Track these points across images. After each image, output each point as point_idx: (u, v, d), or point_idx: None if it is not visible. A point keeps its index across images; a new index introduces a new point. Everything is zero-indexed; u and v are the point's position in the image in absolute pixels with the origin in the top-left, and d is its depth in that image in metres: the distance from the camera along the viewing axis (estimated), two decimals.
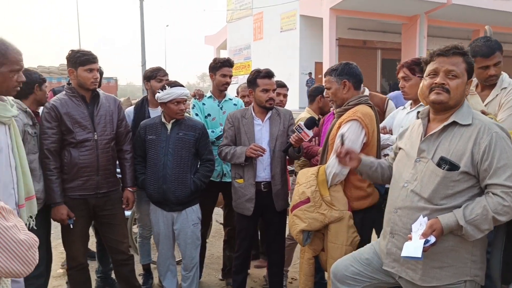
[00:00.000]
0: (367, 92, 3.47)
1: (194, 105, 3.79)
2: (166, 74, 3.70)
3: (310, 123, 3.06)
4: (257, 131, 3.24)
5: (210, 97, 3.84)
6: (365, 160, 2.42)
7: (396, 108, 3.56)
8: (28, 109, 2.90)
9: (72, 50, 3.03)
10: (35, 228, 2.45)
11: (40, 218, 2.79)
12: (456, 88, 1.99)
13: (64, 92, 3.05)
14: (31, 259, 1.32)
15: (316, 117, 3.48)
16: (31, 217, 2.44)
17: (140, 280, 3.76)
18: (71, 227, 3.00)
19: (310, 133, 3.00)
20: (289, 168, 4.43)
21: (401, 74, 3.15)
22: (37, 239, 1.38)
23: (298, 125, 3.01)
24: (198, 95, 3.85)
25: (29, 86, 2.97)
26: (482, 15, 19.38)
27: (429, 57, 2.09)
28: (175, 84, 3.20)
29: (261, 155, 3.11)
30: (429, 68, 2.08)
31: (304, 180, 2.80)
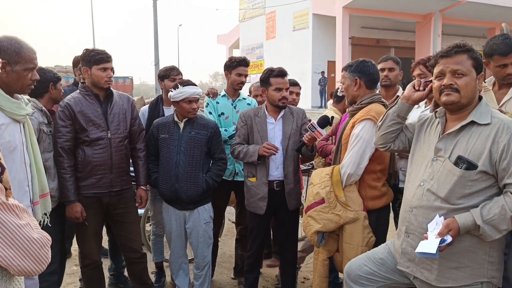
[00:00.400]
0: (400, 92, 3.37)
1: (208, 104, 3.80)
2: (180, 73, 3.71)
3: (323, 122, 3.04)
4: (270, 130, 3.22)
5: (224, 95, 3.84)
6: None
7: None
8: (43, 108, 2.93)
9: (86, 49, 3.05)
10: (50, 225, 2.47)
11: (55, 216, 2.81)
12: (465, 86, 1.97)
13: (78, 91, 3.08)
14: (44, 257, 1.32)
15: (339, 116, 3.46)
16: (45, 214, 2.46)
17: (152, 278, 3.78)
18: (86, 223, 3.02)
19: (323, 132, 2.98)
20: (302, 167, 4.42)
21: (416, 72, 3.11)
22: (49, 237, 1.38)
23: (311, 124, 2.99)
24: (212, 94, 3.85)
25: (44, 85, 3.00)
26: (498, 13, 19.07)
27: (434, 60, 2.08)
28: (187, 83, 3.20)
29: (274, 154, 3.10)
30: (436, 70, 2.07)
31: (318, 181, 2.77)
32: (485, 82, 2.95)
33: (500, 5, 18.75)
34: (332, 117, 3.28)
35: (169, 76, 3.69)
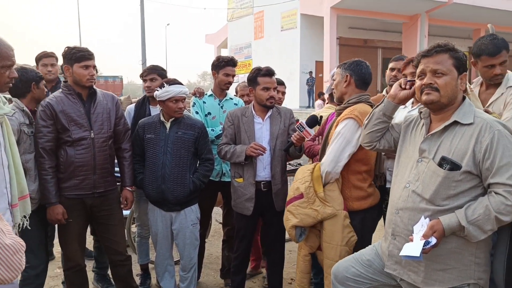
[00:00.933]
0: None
1: (194, 103, 3.75)
2: (152, 73, 3.61)
3: (312, 122, 3.02)
4: (257, 130, 3.19)
5: (211, 95, 3.80)
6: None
7: None
8: (25, 108, 2.86)
9: (67, 47, 2.98)
10: (29, 228, 2.40)
11: (37, 218, 2.75)
12: (445, 85, 1.97)
13: (60, 90, 3.00)
14: (17, 264, 1.27)
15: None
16: (24, 217, 2.39)
17: (137, 280, 3.72)
18: (70, 220, 2.96)
19: (312, 131, 2.97)
20: (290, 167, 4.39)
21: (409, 70, 3.10)
22: (23, 243, 1.33)
23: (300, 123, 2.97)
24: (199, 93, 3.81)
25: (26, 84, 2.93)
26: (483, 14, 19.30)
27: (417, 60, 2.09)
28: (173, 82, 3.15)
29: (262, 154, 3.07)
30: (418, 70, 2.07)
31: (300, 176, 2.78)
32: (471, 83, 2.96)
33: (486, 6, 18.98)
34: (321, 117, 3.26)
35: (141, 76, 3.69)
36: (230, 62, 3.71)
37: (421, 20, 19.93)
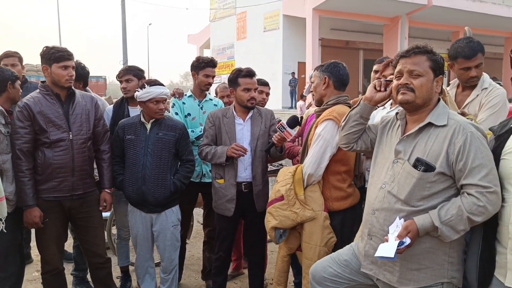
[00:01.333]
0: None
1: (174, 104, 3.73)
2: (127, 74, 3.58)
3: (293, 122, 3.04)
4: (238, 131, 3.19)
5: (190, 96, 3.78)
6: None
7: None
8: (1, 108, 2.80)
9: (46, 47, 2.94)
10: (5, 231, 2.35)
11: (12, 220, 2.70)
12: (420, 87, 2.00)
13: (38, 90, 2.96)
14: None
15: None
16: (0, 219, 2.34)
17: (117, 283, 3.68)
18: (47, 220, 2.92)
19: (293, 132, 2.98)
20: (271, 168, 4.40)
21: (389, 71, 3.13)
22: None
23: (281, 124, 2.98)
24: (178, 94, 3.79)
25: (2, 84, 2.88)
26: (462, 17, 19.69)
27: (395, 61, 2.12)
28: (154, 83, 3.13)
29: (243, 155, 3.07)
30: (395, 70, 2.11)
31: (281, 179, 2.80)
32: (448, 85, 3.01)
33: (464, 9, 19.39)
34: (301, 117, 3.27)
35: (117, 77, 3.65)
36: (210, 63, 3.69)
37: (402, 22, 20.22)
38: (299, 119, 3.15)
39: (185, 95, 3.81)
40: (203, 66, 3.67)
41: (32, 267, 4.36)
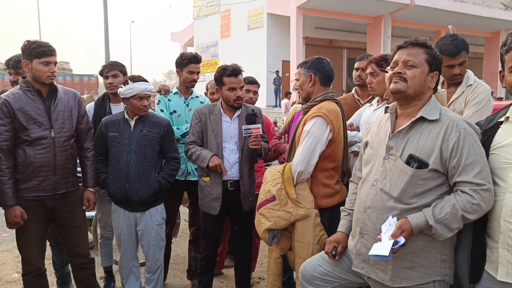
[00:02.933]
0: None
1: (159, 101, 3.67)
2: (114, 69, 3.52)
3: (250, 119, 3.04)
4: (225, 129, 3.15)
5: (176, 93, 3.73)
6: (345, 232, 2.36)
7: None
8: None
9: (27, 41, 2.84)
10: None
11: None
12: (413, 77, 1.99)
13: (18, 86, 2.87)
14: None
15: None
16: None
17: (101, 283, 3.61)
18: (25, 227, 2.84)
19: (259, 125, 3.00)
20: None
21: (368, 70, 3.13)
22: None
23: (243, 129, 3.00)
24: (164, 91, 3.73)
25: None
26: (444, 17, 19.98)
27: (393, 52, 2.13)
28: (138, 79, 3.07)
29: (221, 171, 3.04)
30: (392, 61, 2.11)
31: (270, 178, 2.74)
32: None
33: (446, 9, 19.67)
34: (259, 109, 3.29)
35: (102, 73, 3.58)
36: (194, 59, 3.64)
37: (385, 21, 20.41)
38: (253, 112, 3.14)
39: (171, 92, 3.75)
40: (186, 63, 3.62)
41: (11, 268, 4.26)
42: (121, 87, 3.04)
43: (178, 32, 31.39)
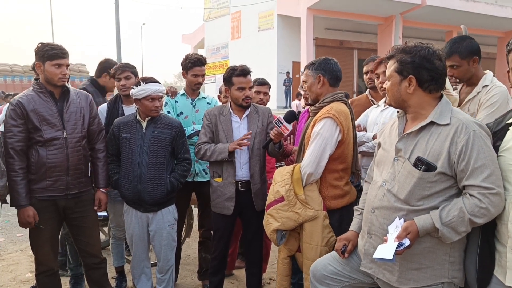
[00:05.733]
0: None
1: (166, 103, 3.69)
2: (126, 71, 3.53)
3: (290, 117, 3.01)
4: (235, 129, 3.17)
5: (183, 94, 3.76)
6: (356, 231, 2.37)
7: None
8: None
9: (41, 43, 2.89)
10: None
11: None
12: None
13: (31, 88, 2.91)
14: None
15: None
16: None
17: (113, 283, 3.64)
18: (41, 227, 2.87)
19: (290, 126, 2.95)
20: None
21: (381, 69, 3.12)
22: None
23: (277, 118, 2.94)
24: (171, 92, 3.76)
25: None
26: (456, 17, 19.77)
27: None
28: (150, 80, 3.10)
29: (246, 145, 3.04)
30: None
31: (279, 179, 2.74)
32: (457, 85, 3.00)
33: (458, 9, 19.48)
34: (299, 112, 3.25)
35: (114, 75, 3.58)
36: (198, 62, 3.63)
37: (396, 21, 20.28)
38: (296, 113, 3.12)
39: (178, 93, 3.78)
40: (190, 66, 3.62)
41: (25, 268, 4.31)
42: (133, 89, 3.06)
43: (189, 34, 31.51)
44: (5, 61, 23.74)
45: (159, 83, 3.13)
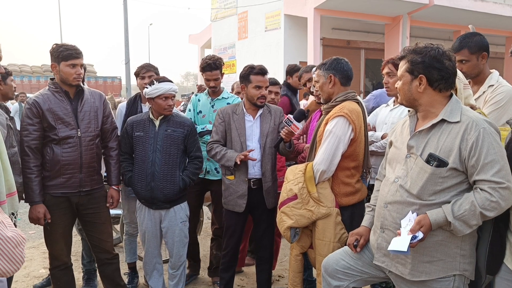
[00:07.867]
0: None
1: (191, 100, 3.84)
2: (150, 70, 3.64)
3: (300, 116, 3.04)
4: (248, 128, 3.21)
5: (206, 93, 3.85)
6: (368, 227, 2.41)
7: (378, 106, 3.59)
8: (2, 103, 2.83)
9: (56, 44, 2.95)
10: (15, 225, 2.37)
11: None
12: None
13: (47, 88, 2.98)
14: (19, 257, 1.27)
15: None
16: (13, 213, 2.36)
17: (125, 279, 3.70)
18: (50, 225, 2.94)
19: (300, 125, 2.98)
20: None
21: (385, 70, 3.16)
22: (24, 236, 1.32)
23: (287, 117, 2.98)
24: (199, 89, 3.86)
25: None
26: (463, 16, 19.68)
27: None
28: (163, 79, 3.15)
29: (252, 159, 3.10)
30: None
31: (292, 177, 2.78)
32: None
33: (466, 9, 19.37)
34: (308, 110, 3.28)
35: (138, 74, 3.67)
36: (207, 68, 3.69)
37: (403, 21, 20.19)
38: (306, 112, 3.16)
39: (204, 92, 3.88)
40: (202, 70, 3.73)
41: (38, 264, 4.38)
42: (147, 87, 3.11)
43: (196, 34, 31.57)
44: (14, 61, 24.02)
45: (172, 82, 3.18)
